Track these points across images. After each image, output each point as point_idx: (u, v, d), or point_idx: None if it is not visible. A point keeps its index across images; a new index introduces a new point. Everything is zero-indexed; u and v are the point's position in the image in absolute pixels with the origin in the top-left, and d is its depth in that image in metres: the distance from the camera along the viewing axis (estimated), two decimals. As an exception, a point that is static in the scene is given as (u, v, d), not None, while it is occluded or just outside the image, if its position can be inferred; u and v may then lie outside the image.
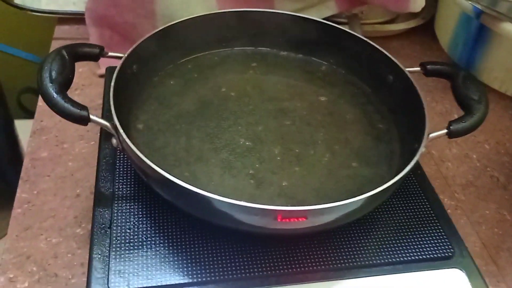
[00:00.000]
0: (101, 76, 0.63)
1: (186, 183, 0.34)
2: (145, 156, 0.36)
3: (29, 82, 0.98)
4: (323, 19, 0.60)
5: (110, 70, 0.57)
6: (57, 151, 0.54)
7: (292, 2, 0.67)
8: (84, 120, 0.38)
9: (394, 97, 0.48)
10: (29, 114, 1.06)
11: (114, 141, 0.39)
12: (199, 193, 0.34)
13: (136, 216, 0.41)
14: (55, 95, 0.38)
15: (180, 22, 0.50)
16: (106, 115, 0.50)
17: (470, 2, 0.60)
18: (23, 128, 0.92)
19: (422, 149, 0.39)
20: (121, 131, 0.38)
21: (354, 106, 0.51)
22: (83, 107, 0.38)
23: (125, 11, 0.61)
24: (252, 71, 0.54)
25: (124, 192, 0.43)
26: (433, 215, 0.44)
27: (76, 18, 0.71)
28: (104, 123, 0.39)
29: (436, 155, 0.57)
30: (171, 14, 0.59)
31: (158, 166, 0.35)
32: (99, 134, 0.51)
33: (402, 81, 0.47)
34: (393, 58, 0.48)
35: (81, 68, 0.64)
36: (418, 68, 0.47)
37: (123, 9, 0.61)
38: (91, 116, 0.38)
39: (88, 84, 0.62)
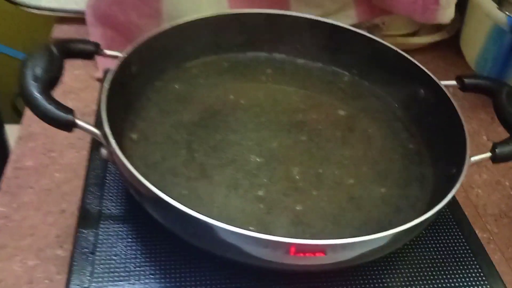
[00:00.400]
0: (98, 79, 0.58)
1: (183, 204, 0.29)
2: (138, 171, 0.30)
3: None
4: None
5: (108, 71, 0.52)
6: (44, 160, 0.48)
7: (309, 8, 0.62)
8: (68, 126, 0.33)
9: (425, 113, 0.43)
10: (25, 118, 1.00)
11: (103, 151, 0.34)
12: (197, 218, 0.29)
13: (124, 240, 0.36)
14: (37, 95, 0.32)
15: (189, 22, 0.45)
16: (98, 121, 0.44)
17: (505, 12, 0.55)
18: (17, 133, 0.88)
19: (463, 176, 0.33)
20: (111, 140, 0.32)
21: (378, 122, 0.46)
22: (69, 110, 0.33)
23: (129, 10, 0.56)
24: (265, 79, 0.49)
25: (113, 211, 0.38)
26: (469, 251, 0.39)
27: (77, 18, 0.66)
28: (93, 130, 0.33)
29: (464, 180, 0.52)
30: (178, 15, 0.55)
31: (152, 183, 0.30)
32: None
33: (436, 96, 0.42)
34: (426, 70, 0.43)
35: (77, 71, 0.59)
36: (454, 82, 0.42)
37: (127, 7, 0.56)
38: (78, 121, 0.33)
39: (84, 88, 0.57)
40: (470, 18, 0.66)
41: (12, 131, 0.93)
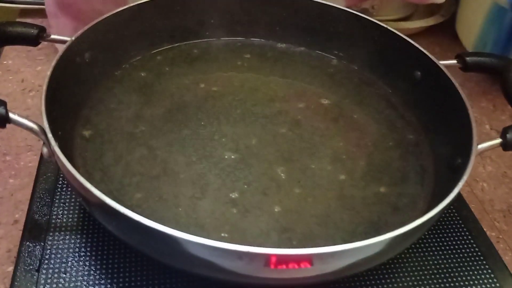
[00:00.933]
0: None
1: (139, 211, 0.24)
2: (83, 172, 0.25)
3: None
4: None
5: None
6: (-3, 164, 0.43)
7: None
8: (0, 120, 0.27)
9: (423, 98, 0.38)
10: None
11: (44, 150, 0.29)
12: (153, 228, 0.23)
13: (76, 254, 0.31)
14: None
15: (152, 1, 0.39)
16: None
17: (506, -11, 0.51)
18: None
19: (470, 166, 0.28)
20: (49, 136, 0.27)
21: (370, 111, 0.41)
22: (1, 103, 0.27)
23: (91, -3, 0.51)
24: (242, 66, 0.43)
25: (64, 220, 0.32)
26: (478, 253, 0.34)
27: (41, 10, 0.61)
28: (29, 124, 0.28)
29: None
30: (146, 1, 0.50)
31: (105, 188, 0.24)
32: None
33: (434, 78, 0.37)
34: (422, 49, 0.38)
35: (40, 67, 0.54)
36: (454, 61, 0.37)
37: (90, -6, 0.51)
38: (11, 115, 0.28)
39: (45, 84, 0.52)
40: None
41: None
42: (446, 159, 0.33)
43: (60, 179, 0.35)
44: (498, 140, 0.31)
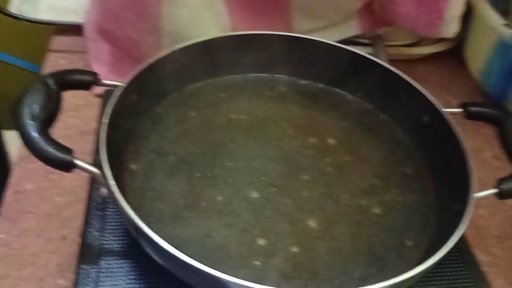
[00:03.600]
0: (98, 95, 0.57)
1: (184, 254, 0.28)
2: (140, 214, 0.29)
3: (25, 91, 0.93)
4: (346, 39, 0.54)
5: (109, 90, 0.51)
6: (44, 183, 0.48)
7: (311, 20, 0.61)
8: (67, 167, 0.32)
9: (429, 141, 0.42)
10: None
11: (104, 191, 0.33)
12: (213, 275, 0.28)
13: (126, 278, 0.35)
14: (35, 135, 0.32)
15: (188, 46, 0.44)
16: (97, 159, 0.43)
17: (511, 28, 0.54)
18: (17, 140, 0.87)
19: (468, 216, 0.33)
20: (111, 182, 0.31)
21: (379, 147, 0.44)
22: (67, 151, 0.32)
23: (127, 26, 0.55)
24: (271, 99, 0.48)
25: (115, 245, 0.37)
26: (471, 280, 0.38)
27: (75, 29, 0.65)
28: (92, 170, 0.33)
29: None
30: (178, 31, 0.54)
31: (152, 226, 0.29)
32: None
33: (440, 124, 0.41)
34: (428, 97, 0.42)
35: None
36: (459, 110, 0.41)
37: (126, 23, 0.55)
38: (77, 162, 0.32)
39: (84, 105, 0.57)
40: (475, 30, 0.64)
41: (10, 137, 0.93)
42: (447, 202, 0.37)
43: (108, 206, 0.40)
44: (493, 190, 0.35)
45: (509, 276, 0.44)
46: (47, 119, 0.33)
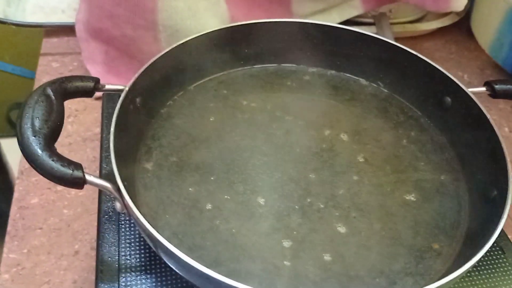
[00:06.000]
0: (97, 98, 0.54)
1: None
2: (156, 225, 0.27)
3: (19, 98, 0.90)
4: (349, 20, 0.51)
5: (108, 93, 0.49)
6: (50, 195, 0.46)
7: (311, 2, 0.58)
8: (78, 184, 0.30)
9: (454, 123, 0.40)
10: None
11: (118, 205, 0.31)
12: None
13: (149, 294, 0.33)
14: (40, 152, 0.29)
15: (188, 41, 0.41)
16: (104, 168, 0.41)
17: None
18: (13, 146, 0.85)
19: (508, 203, 0.31)
20: (125, 196, 0.29)
21: (399, 133, 0.42)
22: (77, 166, 0.30)
23: (122, 23, 0.52)
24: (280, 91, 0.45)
25: (133, 260, 0.35)
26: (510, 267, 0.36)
27: (66, 29, 0.62)
28: (105, 185, 0.31)
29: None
30: (175, 24, 0.51)
31: (173, 241, 0.27)
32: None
33: (464, 105, 0.38)
34: (450, 76, 0.40)
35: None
36: (483, 88, 0.39)
37: (120, 20, 0.52)
38: (88, 177, 0.30)
39: (83, 110, 0.54)
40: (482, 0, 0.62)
41: (6, 144, 0.90)
42: (481, 188, 0.35)
43: (122, 219, 0.38)
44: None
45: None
46: (51, 133, 0.31)
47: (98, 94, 0.53)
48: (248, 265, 0.32)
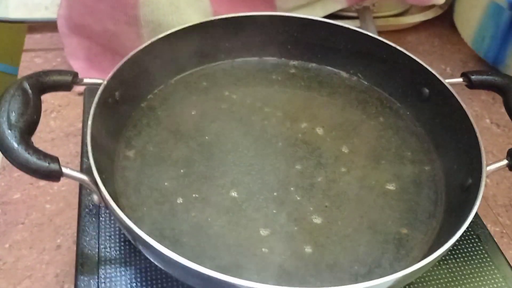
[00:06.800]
0: (80, 94, 0.54)
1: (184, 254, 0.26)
2: (135, 217, 0.28)
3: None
4: (332, 14, 0.52)
5: (90, 87, 0.49)
6: (32, 190, 0.46)
7: (296, -4, 0.58)
8: (54, 176, 0.30)
9: (431, 114, 0.40)
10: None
11: (95, 197, 0.31)
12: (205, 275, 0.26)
13: (128, 285, 0.33)
14: (15, 145, 0.29)
15: (168, 35, 0.41)
16: (85, 163, 0.41)
17: (504, -10, 0.52)
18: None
19: (481, 190, 0.31)
20: (102, 188, 0.29)
21: (379, 124, 0.43)
22: (53, 159, 0.30)
23: (104, 19, 0.52)
24: (261, 84, 0.46)
25: (112, 253, 0.35)
26: (485, 255, 0.37)
27: (49, 25, 0.62)
28: (82, 177, 0.31)
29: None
30: (157, 19, 0.51)
31: (152, 233, 0.27)
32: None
33: (441, 96, 0.39)
34: (428, 67, 0.40)
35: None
36: (460, 79, 0.39)
37: (101, 16, 0.52)
38: (65, 170, 0.30)
39: (65, 105, 0.54)
40: (464, -7, 0.63)
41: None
42: (456, 177, 0.36)
43: (102, 211, 0.38)
44: (504, 162, 0.33)
45: (520, 244, 0.43)
46: (27, 127, 0.31)
47: (81, 89, 0.53)
48: (227, 255, 0.32)
